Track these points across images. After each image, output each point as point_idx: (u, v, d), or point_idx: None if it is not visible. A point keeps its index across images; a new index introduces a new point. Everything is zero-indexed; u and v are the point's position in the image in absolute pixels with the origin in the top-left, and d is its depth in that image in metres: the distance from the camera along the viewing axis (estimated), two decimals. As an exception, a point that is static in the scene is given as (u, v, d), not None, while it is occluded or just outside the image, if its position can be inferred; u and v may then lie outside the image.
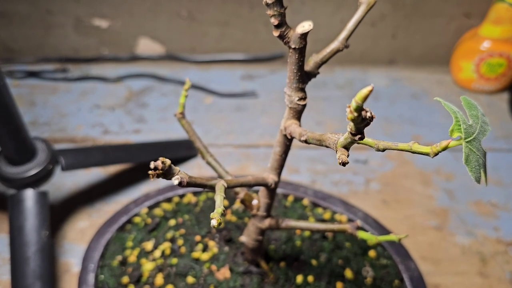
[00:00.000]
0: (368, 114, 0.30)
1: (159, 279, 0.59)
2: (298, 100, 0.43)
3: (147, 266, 0.61)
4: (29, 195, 0.67)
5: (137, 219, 0.68)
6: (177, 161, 0.91)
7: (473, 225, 0.84)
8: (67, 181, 0.86)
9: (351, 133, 0.33)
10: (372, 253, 0.66)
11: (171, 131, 0.97)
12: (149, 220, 0.68)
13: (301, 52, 0.39)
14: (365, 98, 0.28)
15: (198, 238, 0.64)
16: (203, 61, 1.12)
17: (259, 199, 0.53)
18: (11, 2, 1.02)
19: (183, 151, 0.90)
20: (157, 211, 0.69)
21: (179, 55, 1.12)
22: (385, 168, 0.93)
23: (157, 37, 1.09)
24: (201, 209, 0.70)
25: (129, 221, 0.68)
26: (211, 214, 0.36)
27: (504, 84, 1.09)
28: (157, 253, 0.62)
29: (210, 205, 0.70)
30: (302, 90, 0.43)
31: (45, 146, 0.70)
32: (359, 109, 0.29)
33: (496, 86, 1.09)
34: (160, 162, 0.36)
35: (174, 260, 0.61)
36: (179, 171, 0.39)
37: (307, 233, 0.66)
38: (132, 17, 1.05)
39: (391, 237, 0.46)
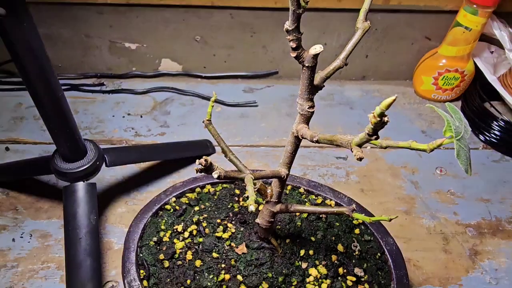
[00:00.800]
0: (387, 119, 0.30)
1: (189, 255, 0.60)
2: (308, 108, 0.44)
3: (179, 245, 0.61)
4: (81, 186, 0.67)
5: (167, 207, 0.68)
6: (194, 159, 0.90)
7: (436, 210, 0.84)
8: (107, 175, 0.86)
9: (368, 134, 0.33)
10: (357, 231, 0.66)
11: (190, 134, 0.97)
12: (177, 207, 0.68)
13: (313, 70, 0.40)
14: (389, 106, 0.29)
15: (218, 221, 0.64)
16: (213, 77, 1.12)
17: (272, 189, 0.53)
18: (56, 27, 1.02)
19: (199, 150, 0.91)
20: (183, 200, 0.70)
21: (194, 72, 1.12)
22: (361, 164, 0.93)
23: (176, 57, 1.09)
24: (218, 197, 0.70)
25: (161, 208, 0.68)
26: (248, 201, 0.37)
27: (458, 94, 1.09)
28: (186, 234, 0.62)
29: (225, 194, 0.70)
30: (311, 100, 0.44)
31: (93, 146, 0.71)
32: (382, 114, 0.30)
33: (452, 96, 1.09)
34: (203, 160, 0.37)
35: (200, 239, 0.61)
36: (217, 167, 0.39)
37: (304, 215, 0.66)
38: (156, 41, 1.05)
39: (383, 217, 0.46)
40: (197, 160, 0.38)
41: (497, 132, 0.97)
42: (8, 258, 0.72)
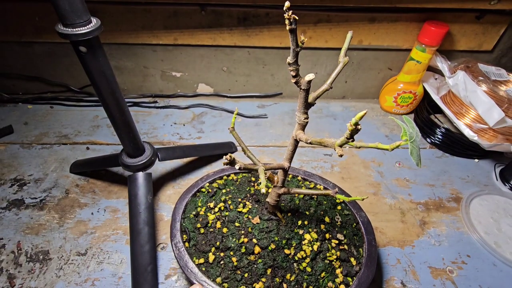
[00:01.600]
0: (359, 127, 0.30)
1: (218, 224, 0.59)
2: (304, 119, 0.43)
3: (211, 217, 0.60)
4: (141, 175, 0.67)
5: (203, 189, 0.67)
6: (221, 155, 0.90)
7: (395, 192, 0.84)
8: (160, 167, 0.86)
9: (346, 137, 0.33)
10: (339, 207, 0.65)
11: (219, 137, 0.96)
12: (209, 190, 0.67)
13: (307, 91, 0.40)
14: (361, 117, 0.29)
15: (239, 199, 0.63)
16: (235, 97, 1.12)
17: (278, 177, 0.52)
18: (123, 61, 1.02)
19: (226, 149, 0.90)
20: (214, 184, 0.69)
21: (221, 93, 1.12)
22: (342, 159, 0.92)
23: (209, 82, 1.09)
24: (239, 183, 0.69)
25: (198, 191, 0.68)
26: (260, 186, 0.37)
27: (411, 109, 1.08)
28: (216, 209, 0.62)
29: (244, 181, 0.70)
30: (306, 113, 0.43)
31: (149, 146, 0.70)
32: (356, 124, 0.30)
33: (407, 110, 1.08)
34: (229, 156, 0.36)
35: (226, 213, 0.60)
36: (239, 161, 0.39)
37: (301, 196, 0.66)
38: (194, 71, 1.05)
39: (357, 197, 0.45)
40: (224, 156, 0.38)
41: (439, 136, 0.96)
42: (88, 227, 0.72)
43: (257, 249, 0.55)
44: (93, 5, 0.87)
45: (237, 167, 0.38)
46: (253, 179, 0.71)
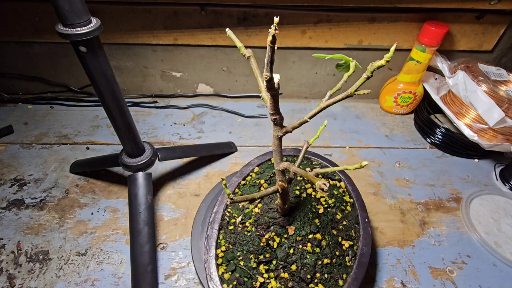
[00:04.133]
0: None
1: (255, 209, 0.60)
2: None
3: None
4: (141, 175, 0.67)
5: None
6: (222, 155, 0.90)
7: (396, 192, 0.83)
8: (160, 167, 0.86)
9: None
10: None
11: (219, 137, 0.96)
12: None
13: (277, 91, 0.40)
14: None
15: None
16: (235, 97, 1.12)
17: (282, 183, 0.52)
18: (123, 61, 1.02)
19: (226, 149, 0.90)
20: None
21: (221, 93, 1.11)
22: (342, 159, 0.92)
23: (209, 82, 1.09)
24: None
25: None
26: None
27: (411, 109, 1.08)
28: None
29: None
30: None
31: (149, 146, 0.70)
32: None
33: (407, 111, 1.08)
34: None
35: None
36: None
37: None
38: (194, 71, 1.05)
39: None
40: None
41: (439, 136, 0.96)
42: (88, 227, 0.72)
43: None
44: (93, 5, 0.87)
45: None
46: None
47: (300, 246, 0.54)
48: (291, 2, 0.88)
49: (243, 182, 0.64)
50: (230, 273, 0.53)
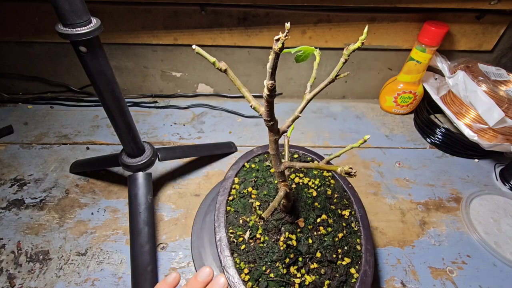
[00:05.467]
0: None
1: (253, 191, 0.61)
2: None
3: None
4: (141, 175, 0.67)
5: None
6: (222, 155, 0.90)
7: (396, 192, 0.84)
8: (160, 167, 0.86)
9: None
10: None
11: (219, 137, 0.96)
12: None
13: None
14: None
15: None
16: (235, 97, 1.12)
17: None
18: (123, 61, 1.02)
19: (226, 149, 0.90)
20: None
21: (221, 93, 1.12)
22: (342, 158, 0.92)
23: (209, 82, 1.09)
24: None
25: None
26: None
27: (411, 109, 1.08)
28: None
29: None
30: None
31: (149, 146, 0.70)
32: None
33: (407, 110, 1.08)
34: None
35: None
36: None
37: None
38: (194, 71, 1.05)
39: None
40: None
41: (439, 136, 0.96)
42: (88, 227, 0.72)
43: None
44: (93, 5, 0.87)
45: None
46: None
47: (315, 233, 0.56)
48: (291, 2, 0.88)
49: (231, 198, 0.61)
50: None
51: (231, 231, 0.56)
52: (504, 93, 0.85)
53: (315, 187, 0.63)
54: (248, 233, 0.56)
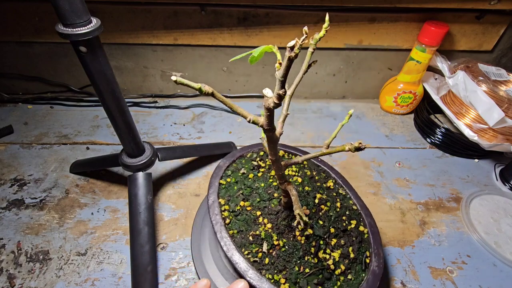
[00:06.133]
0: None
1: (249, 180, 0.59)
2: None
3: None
4: (141, 175, 0.67)
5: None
6: (221, 156, 0.90)
7: (396, 192, 0.83)
8: (160, 167, 0.86)
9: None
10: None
11: (219, 137, 0.96)
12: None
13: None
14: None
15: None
16: (235, 97, 1.12)
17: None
18: (123, 61, 1.02)
19: (226, 149, 0.90)
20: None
21: (222, 93, 1.11)
22: (342, 159, 0.92)
23: (209, 83, 1.09)
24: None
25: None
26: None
27: (411, 109, 1.08)
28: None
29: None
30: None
31: (149, 146, 0.70)
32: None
33: (407, 111, 1.08)
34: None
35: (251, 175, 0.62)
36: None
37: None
38: (194, 71, 1.05)
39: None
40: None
41: (439, 136, 0.96)
42: (88, 227, 0.72)
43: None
44: (93, 5, 0.87)
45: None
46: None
47: (321, 213, 0.58)
48: (291, 2, 0.88)
49: (227, 222, 0.57)
50: None
51: (246, 252, 0.53)
52: (504, 93, 0.85)
53: (296, 174, 0.66)
54: (265, 245, 0.54)
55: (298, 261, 0.53)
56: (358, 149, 0.39)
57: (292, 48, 0.30)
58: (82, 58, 0.49)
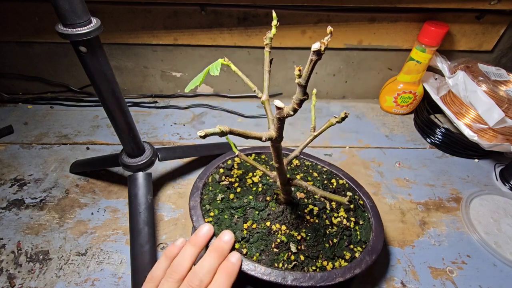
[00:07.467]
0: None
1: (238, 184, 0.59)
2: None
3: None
4: (141, 175, 0.67)
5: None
6: (220, 154, 0.90)
7: (396, 192, 0.83)
8: (160, 167, 0.86)
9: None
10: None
11: (218, 138, 0.96)
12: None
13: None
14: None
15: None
16: (235, 97, 1.12)
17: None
18: (123, 61, 1.02)
19: (226, 149, 0.90)
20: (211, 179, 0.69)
21: (221, 93, 1.12)
22: (342, 159, 0.92)
23: (209, 83, 1.09)
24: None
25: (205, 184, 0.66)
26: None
27: (411, 109, 1.08)
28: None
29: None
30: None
31: (149, 146, 0.70)
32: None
33: (407, 111, 1.08)
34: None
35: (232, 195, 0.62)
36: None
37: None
38: (194, 71, 1.05)
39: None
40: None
41: (439, 136, 0.96)
42: (88, 227, 0.72)
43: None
44: (93, 5, 0.87)
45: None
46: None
47: (318, 197, 0.56)
48: (291, 2, 0.88)
49: (245, 252, 0.53)
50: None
51: (280, 265, 0.51)
52: (504, 93, 0.85)
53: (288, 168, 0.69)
54: (292, 245, 0.54)
55: (325, 238, 0.56)
56: (343, 118, 0.45)
57: (317, 52, 0.28)
58: (82, 58, 0.49)
